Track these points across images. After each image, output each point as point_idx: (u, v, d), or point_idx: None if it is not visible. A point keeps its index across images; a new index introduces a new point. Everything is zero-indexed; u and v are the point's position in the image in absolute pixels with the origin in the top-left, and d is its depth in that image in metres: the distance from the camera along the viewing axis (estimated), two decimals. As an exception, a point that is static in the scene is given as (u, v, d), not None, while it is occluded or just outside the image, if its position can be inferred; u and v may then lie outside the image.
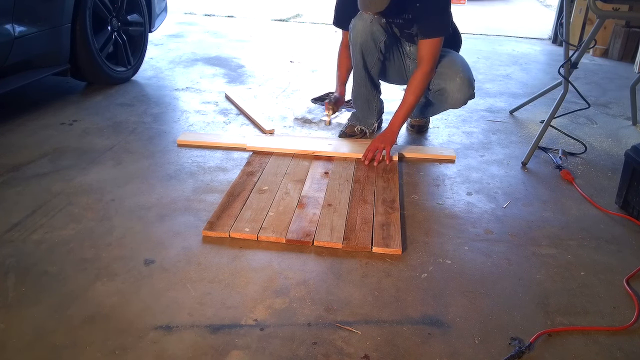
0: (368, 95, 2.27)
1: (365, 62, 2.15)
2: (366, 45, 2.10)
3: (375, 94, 2.29)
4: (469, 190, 1.94)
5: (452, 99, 2.12)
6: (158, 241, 1.55)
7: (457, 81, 2.07)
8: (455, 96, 2.11)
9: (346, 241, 1.55)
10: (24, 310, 1.25)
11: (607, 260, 1.56)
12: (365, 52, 2.12)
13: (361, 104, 2.31)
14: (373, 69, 2.19)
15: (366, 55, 2.13)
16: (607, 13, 2.25)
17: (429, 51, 2.00)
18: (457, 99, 2.12)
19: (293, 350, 1.17)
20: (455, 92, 2.09)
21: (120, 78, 2.92)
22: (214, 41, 4.16)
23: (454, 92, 2.09)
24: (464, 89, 2.09)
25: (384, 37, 2.10)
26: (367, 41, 2.09)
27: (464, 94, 2.11)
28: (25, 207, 1.69)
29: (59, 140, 2.20)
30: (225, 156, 2.13)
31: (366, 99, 2.28)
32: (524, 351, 1.18)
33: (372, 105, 2.31)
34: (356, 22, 2.09)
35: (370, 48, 2.11)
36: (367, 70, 2.18)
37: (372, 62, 2.16)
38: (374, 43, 2.10)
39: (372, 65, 2.17)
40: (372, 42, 2.09)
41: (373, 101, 2.30)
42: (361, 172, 2.00)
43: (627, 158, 1.82)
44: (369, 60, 2.15)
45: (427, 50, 2.00)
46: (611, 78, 3.65)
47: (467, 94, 2.12)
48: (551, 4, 6.87)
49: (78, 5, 2.49)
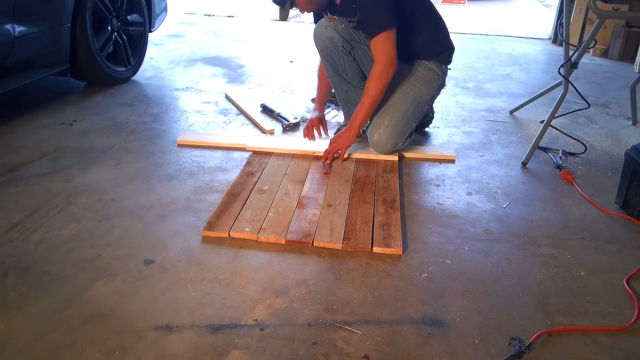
0: (349, 97, 2.27)
1: (333, 65, 2.16)
2: (327, 51, 2.12)
3: (357, 92, 2.26)
4: (469, 190, 1.94)
5: (374, 148, 2.12)
6: (158, 241, 1.55)
7: (375, 137, 2.08)
8: (375, 148, 2.11)
9: (346, 241, 1.55)
10: (24, 310, 1.25)
11: (607, 260, 1.56)
12: (328, 57, 2.14)
13: (345, 107, 2.31)
14: (346, 71, 2.18)
15: (330, 59, 2.15)
16: (607, 13, 2.25)
17: (378, 49, 1.96)
18: (378, 151, 2.12)
19: (293, 350, 1.17)
20: (374, 145, 2.10)
21: (120, 78, 2.92)
22: (214, 41, 4.16)
23: (373, 144, 2.10)
24: (382, 144, 2.08)
25: (341, 41, 2.08)
26: (327, 46, 2.11)
27: (384, 149, 2.10)
28: (25, 207, 1.69)
29: (59, 140, 2.20)
30: (225, 156, 2.13)
31: (348, 100, 2.28)
32: (524, 351, 1.18)
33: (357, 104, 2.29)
34: (315, 30, 2.12)
35: (332, 51, 2.11)
36: (337, 73, 2.19)
37: (339, 64, 2.15)
38: (334, 47, 2.10)
39: (342, 67, 2.16)
40: (331, 46, 2.10)
41: (356, 99, 2.26)
42: (361, 172, 2.00)
43: (627, 158, 1.82)
44: (336, 63, 2.15)
45: (376, 49, 1.96)
46: (611, 78, 3.65)
47: (386, 149, 2.10)
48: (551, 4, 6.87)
49: (78, 5, 2.49)
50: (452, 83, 3.32)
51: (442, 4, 6.87)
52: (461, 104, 2.92)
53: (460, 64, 3.80)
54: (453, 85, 3.28)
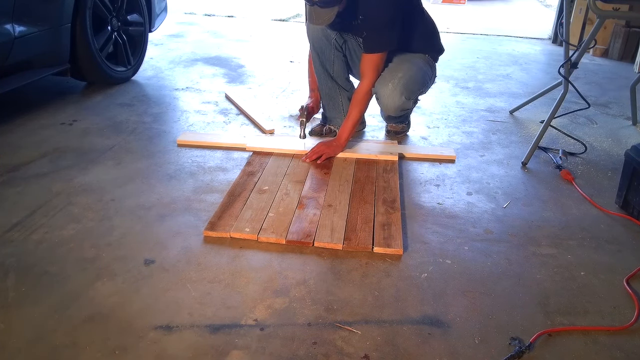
0: (332, 93, 2.27)
1: (322, 59, 2.18)
2: (319, 43, 2.13)
3: (340, 91, 2.26)
4: (469, 190, 1.94)
5: (383, 104, 2.11)
6: (158, 241, 1.55)
7: (389, 87, 2.05)
8: (384, 102, 2.09)
9: (347, 241, 1.55)
10: (24, 310, 1.25)
11: (607, 260, 1.56)
12: (319, 49, 2.15)
13: (327, 102, 2.32)
14: (333, 67, 2.19)
15: (321, 52, 2.16)
16: (607, 13, 2.25)
17: (369, 65, 1.98)
18: (387, 105, 2.10)
19: (293, 350, 1.17)
20: (385, 97, 2.07)
21: (120, 78, 2.92)
22: (214, 41, 4.16)
23: (384, 97, 2.07)
24: (394, 96, 2.05)
25: (334, 34, 2.11)
26: (319, 38, 2.12)
27: (394, 102, 2.07)
28: (25, 207, 1.69)
29: (59, 140, 2.20)
30: (225, 156, 2.13)
31: (330, 96, 2.28)
32: (524, 351, 1.18)
33: (338, 103, 2.29)
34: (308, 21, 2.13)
35: (323, 44, 2.13)
36: (324, 68, 2.20)
37: (329, 59, 2.17)
38: (327, 40, 2.12)
39: (330, 62, 2.18)
40: (324, 39, 2.12)
41: (338, 99, 2.28)
42: (361, 172, 2.00)
43: (627, 158, 1.82)
44: (326, 57, 2.17)
45: (367, 65, 1.99)
46: (611, 78, 3.65)
47: (397, 102, 2.07)
48: (551, 4, 6.87)
49: (78, 5, 2.49)
50: (452, 83, 3.32)
51: (442, 4, 6.87)
52: (461, 104, 2.92)
53: (460, 64, 3.80)
54: (453, 85, 3.28)
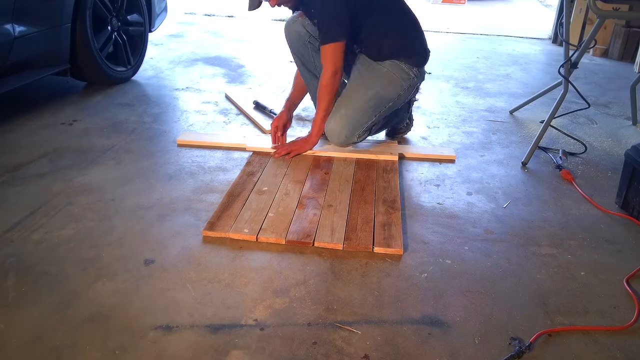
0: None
1: (302, 60, 2.20)
2: (296, 45, 2.18)
3: None
4: (469, 190, 1.94)
5: (328, 137, 2.10)
6: (158, 241, 1.55)
7: (331, 122, 2.05)
8: (328, 136, 2.08)
9: (347, 241, 1.55)
10: (24, 310, 1.25)
11: (607, 260, 1.56)
12: (297, 52, 2.19)
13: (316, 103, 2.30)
14: (315, 65, 2.19)
15: (299, 54, 2.19)
16: (607, 13, 2.25)
17: (325, 57, 1.98)
18: (331, 140, 2.09)
19: (293, 350, 1.17)
20: (328, 131, 2.07)
21: (120, 78, 2.92)
22: (214, 41, 4.16)
23: (328, 131, 2.07)
24: (336, 132, 2.04)
25: (308, 36, 2.14)
26: (295, 40, 2.17)
27: (337, 138, 2.06)
28: (25, 207, 1.69)
29: (59, 140, 2.20)
30: (225, 156, 2.13)
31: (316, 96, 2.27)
32: (524, 351, 1.18)
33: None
34: (285, 24, 2.19)
35: (300, 46, 2.17)
36: (307, 69, 2.21)
37: (309, 60, 2.19)
38: (302, 42, 2.15)
39: (311, 63, 2.19)
40: (299, 40, 2.16)
41: None
42: (361, 172, 2.00)
43: (627, 158, 1.82)
44: (305, 58, 2.19)
45: (324, 57, 1.98)
46: (611, 78, 3.65)
47: (340, 139, 2.06)
48: (551, 4, 6.87)
49: (78, 5, 2.49)
50: (452, 83, 3.32)
51: (442, 4, 6.88)
52: (461, 104, 2.92)
53: (460, 64, 3.80)
54: (453, 85, 3.28)
